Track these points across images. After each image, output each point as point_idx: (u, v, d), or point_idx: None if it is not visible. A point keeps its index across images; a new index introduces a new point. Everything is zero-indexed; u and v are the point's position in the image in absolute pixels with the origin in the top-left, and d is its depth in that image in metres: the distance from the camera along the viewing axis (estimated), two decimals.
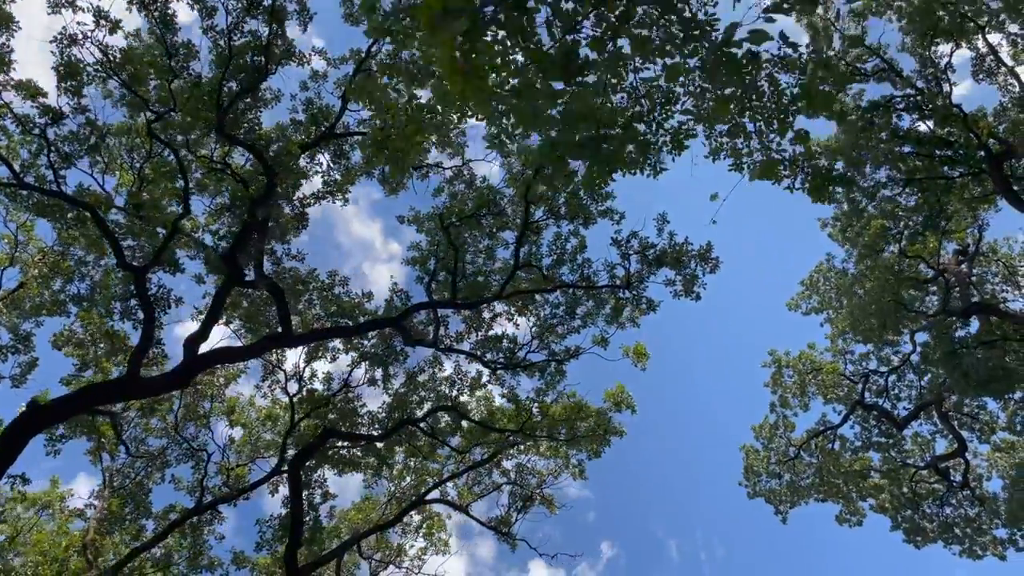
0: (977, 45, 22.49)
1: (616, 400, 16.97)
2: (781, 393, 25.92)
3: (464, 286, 14.49)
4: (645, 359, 16.10)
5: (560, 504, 17.38)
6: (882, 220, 21.66)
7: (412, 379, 16.20)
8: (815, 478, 27.25)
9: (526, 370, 15.94)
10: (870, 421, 27.14)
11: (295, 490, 13.29)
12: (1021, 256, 28.64)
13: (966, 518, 26.96)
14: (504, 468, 17.72)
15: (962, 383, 21.28)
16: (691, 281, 13.87)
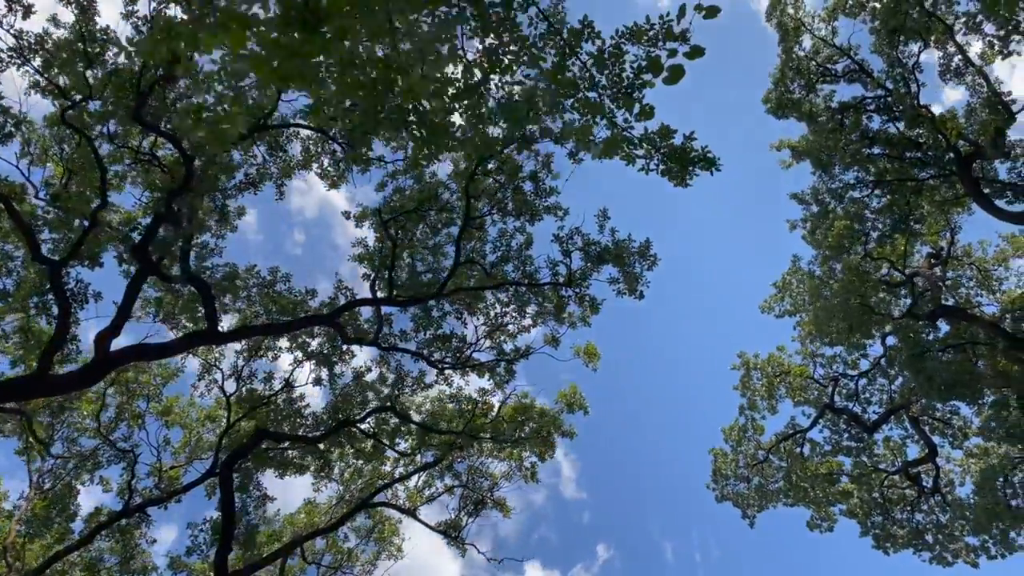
0: (946, 46, 22.12)
1: (569, 401, 16.55)
2: (749, 396, 25.54)
3: (405, 283, 14.05)
4: (596, 359, 15.70)
5: (512, 508, 16.95)
6: (847, 221, 21.30)
7: (359, 379, 15.74)
8: (784, 482, 26.87)
9: (475, 370, 15.50)
10: (840, 425, 26.77)
11: (226, 493, 12.82)
12: (995, 260, 28.31)
13: (937, 524, 26.54)
14: (456, 471, 17.27)
15: (926, 387, 20.96)
16: (634, 279, 13.46)
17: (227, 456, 13.16)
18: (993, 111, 21.30)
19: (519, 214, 14.06)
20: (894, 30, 21.81)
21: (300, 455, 15.42)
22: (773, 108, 24.38)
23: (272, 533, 16.65)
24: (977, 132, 21.96)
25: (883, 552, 26.56)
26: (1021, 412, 23.33)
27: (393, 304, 13.98)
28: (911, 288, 22.63)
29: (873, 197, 23.83)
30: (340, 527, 16.32)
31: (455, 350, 15.30)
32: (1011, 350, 22.00)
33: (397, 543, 18.67)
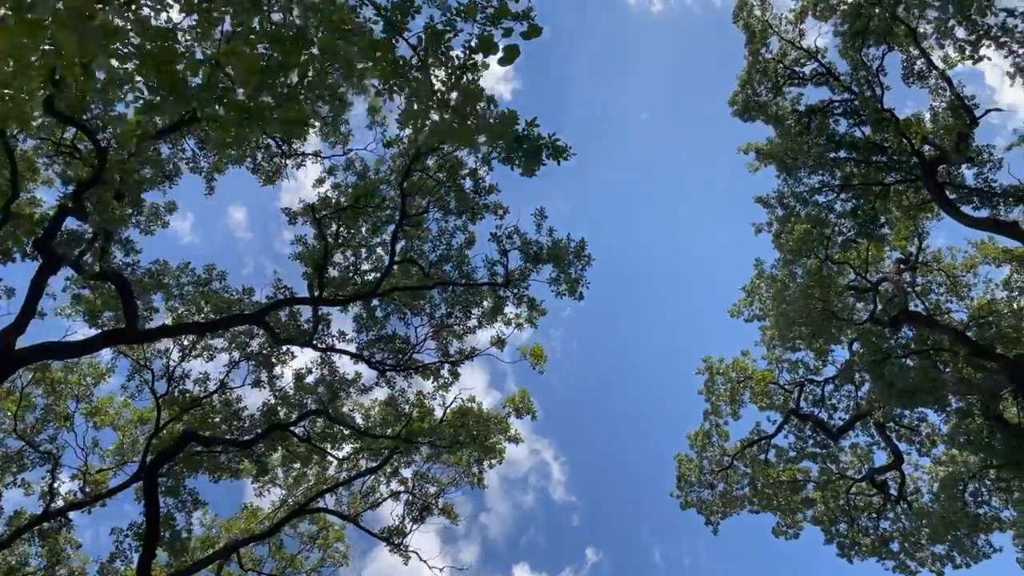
0: (909, 49, 21.92)
1: (516, 406, 16.19)
2: (713, 401, 25.26)
3: (339, 282, 13.66)
4: (542, 361, 15.35)
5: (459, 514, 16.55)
6: (807, 225, 21.06)
7: (300, 380, 15.32)
8: (750, 489, 26.56)
9: (418, 372, 15.11)
10: (805, 431, 26.50)
11: (150, 497, 12.38)
12: (963, 266, 28.16)
13: (904, 532, 26.28)
14: (402, 476, 16.87)
15: (886, 393, 20.72)
16: (575, 281, 13.13)
17: (152, 459, 12.72)
18: (956, 115, 21.13)
19: (461, 212, 13.70)
20: (857, 33, 21.64)
21: (236, 459, 14.99)
22: (739, 111, 24.15)
23: (206, 539, 16.20)
24: (940, 136, 21.75)
25: (847, 560, 26.29)
26: (984, 420, 23.15)
27: (323, 304, 13.58)
28: (874, 293, 22.42)
29: (838, 201, 23.62)
30: (276, 533, 15.88)
31: (397, 351, 14.91)
32: (973, 357, 21.81)
33: (343, 550, 18.24)
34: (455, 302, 14.38)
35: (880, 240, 24.04)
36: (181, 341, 14.39)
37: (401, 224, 12.98)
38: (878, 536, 26.09)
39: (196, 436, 12.98)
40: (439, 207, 13.71)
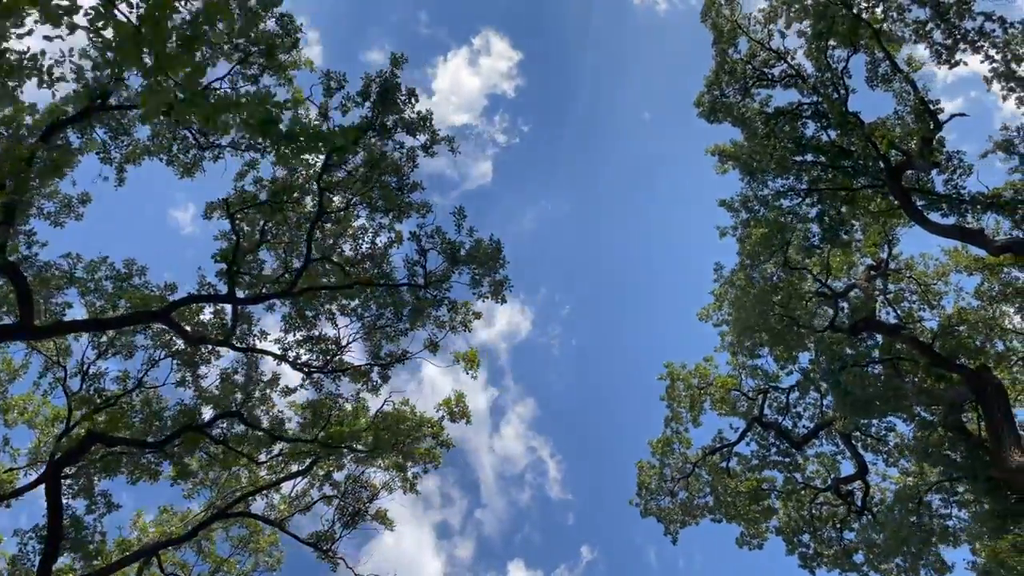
0: (873, 51, 21.43)
1: (451, 409, 15.72)
2: (674, 407, 24.79)
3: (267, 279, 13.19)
4: (476, 365, 14.87)
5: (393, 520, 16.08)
6: (764, 229, 20.57)
7: (227, 379, 14.85)
8: (713, 497, 26.07)
9: (346, 374, 14.65)
10: (769, 439, 25.98)
11: (52, 498, 11.92)
12: (935, 274, 27.64)
13: (868, 544, 25.74)
14: (335, 480, 16.40)
15: (841, 403, 20.25)
16: (499, 284, 12.67)
17: (56, 460, 12.26)
18: (920, 119, 20.65)
19: (387, 210, 13.23)
20: (820, 33, 21.17)
21: (156, 461, 14.53)
22: (705, 112, 23.70)
23: (122, 541, 15.73)
24: (906, 141, 21.26)
25: (810, 572, 25.78)
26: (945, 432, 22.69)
27: (237, 302, 13.11)
28: (835, 300, 21.94)
29: (804, 205, 23.15)
30: (194, 536, 15.41)
31: (324, 353, 14.44)
32: (934, 368, 21.33)
33: (277, 555, 17.78)
34: (385, 303, 13.91)
35: (845, 246, 23.56)
36: (98, 338, 13.93)
37: (318, 221, 12.52)
38: (841, 548, 25.55)
39: (100, 436, 12.51)
40: (365, 204, 13.24)
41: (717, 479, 24.07)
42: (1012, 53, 19.93)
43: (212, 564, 16.89)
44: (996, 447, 18.67)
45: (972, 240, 20.79)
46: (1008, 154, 21.03)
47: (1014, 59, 20.03)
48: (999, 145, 20.74)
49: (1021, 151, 20.95)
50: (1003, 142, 20.70)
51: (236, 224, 12.75)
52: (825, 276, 21.80)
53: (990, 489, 19.50)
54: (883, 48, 20.53)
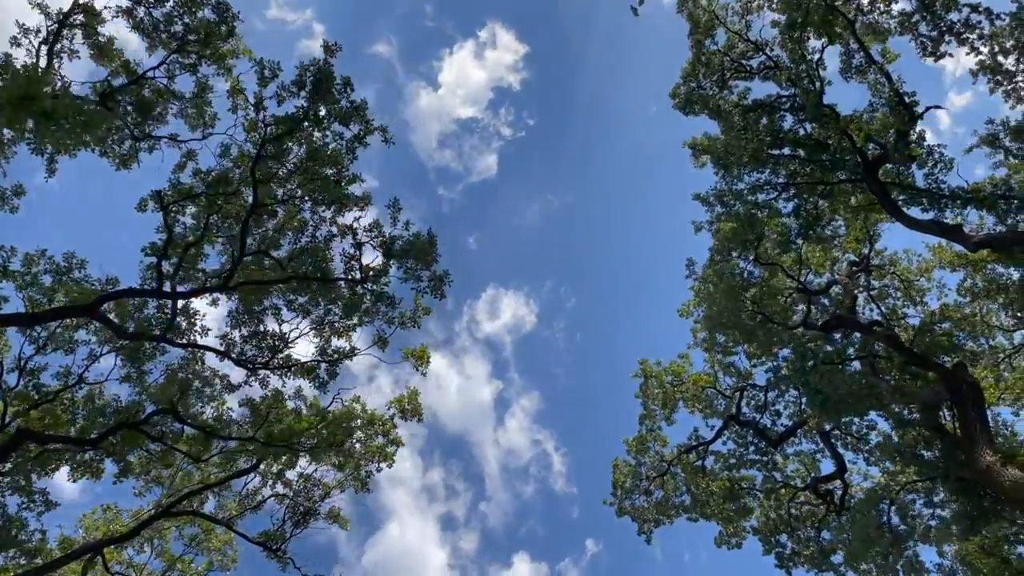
0: (848, 43, 20.92)
1: (402, 407, 15.36)
2: (647, 405, 24.36)
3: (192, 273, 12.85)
4: (426, 363, 14.50)
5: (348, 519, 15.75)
6: (733, 224, 20.11)
7: (172, 375, 14.53)
8: (689, 496, 25.65)
9: (292, 370, 14.31)
10: (747, 437, 25.52)
11: None
12: (918, 271, 27.12)
13: (845, 544, 25.23)
14: (287, 479, 16.08)
15: (811, 402, 19.79)
16: (439, 279, 12.29)
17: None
18: (894, 112, 20.14)
19: (330, 203, 12.86)
20: (794, 24, 20.69)
21: (97, 457, 14.22)
22: (681, 104, 23.24)
23: (64, 539, 15.45)
24: (882, 134, 20.73)
25: (786, 572, 25.34)
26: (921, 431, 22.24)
27: (163, 296, 12.77)
28: (807, 297, 21.45)
29: (781, 200, 22.67)
30: (137, 535, 15.12)
31: (271, 349, 14.10)
32: (908, 366, 20.86)
33: (231, 554, 17.49)
34: (330, 299, 13.55)
35: (821, 241, 23.07)
36: (34, 332, 13.63)
37: (252, 214, 12.17)
38: (819, 548, 25.07)
39: (31, 434, 12.22)
40: (307, 197, 12.86)
41: (691, 478, 23.66)
42: (999, 45, 19.38)
43: (165, 562, 16.62)
44: (968, 446, 18.21)
45: (950, 236, 20.31)
46: (993, 148, 20.54)
47: (1001, 51, 19.50)
48: (984, 140, 20.24)
49: (1006, 145, 20.47)
50: (988, 136, 20.20)
51: (170, 217, 12.41)
52: (799, 272, 21.30)
53: (961, 489, 19.05)
54: (857, 39, 20.04)
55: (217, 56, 12.80)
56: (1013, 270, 22.64)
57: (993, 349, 24.34)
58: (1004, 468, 16.49)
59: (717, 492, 23.14)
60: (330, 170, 12.38)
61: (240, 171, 12.61)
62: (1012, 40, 18.90)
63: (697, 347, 23.46)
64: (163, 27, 12.77)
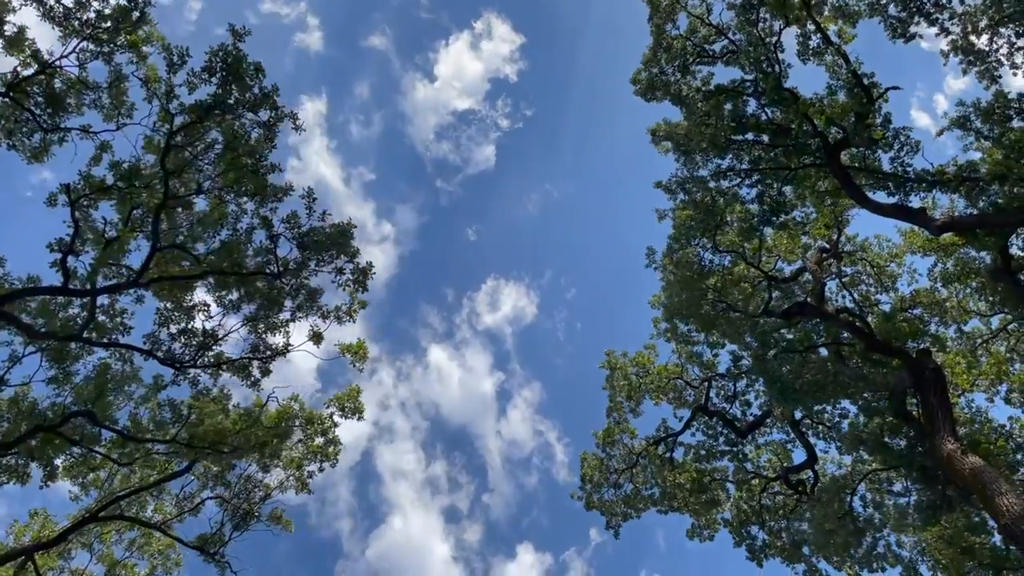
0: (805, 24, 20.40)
1: (342, 405, 14.90)
2: (613, 397, 23.92)
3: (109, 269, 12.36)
4: (363, 359, 14.04)
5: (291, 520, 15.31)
6: (689, 211, 19.63)
7: (100, 376, 14.04)
8: (658, 489, 25.24)
9: (222, 368, 13.83)
10: (716, 428, 25.10)
11: None
12: (888, 256, 26.68)
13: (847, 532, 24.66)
14: (227, 480, 15.59)
15: (770, 390, 19.36)
16: (363, 272, 11.80)
17: None
18: (851, 94, 19.69)
19: (252, 194, 12.35)
20: (748, 5, 20.21)
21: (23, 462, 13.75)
22: (642, 90, 22.71)
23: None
24: (844, 118, 20.19)
25: (757, 564, 24.96)
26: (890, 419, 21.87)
27: (70, 294, 12.28)
28: (768, 284, 21.00)
29: (744, 186, 22.17)
30: (64, 540, 14.67)
31: (199, 346, 13.61)
32: (870, 352, 20.45)
33: (175, 558, 17.06)
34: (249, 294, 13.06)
35: (784, 228, 22.59)
36: None
37: (163, 206, 11.67)
38: (791, 539, 24.68)
39: None
40: (226, 187, 12.36)
41: (658, 470, 23.24)
42: (972, 25, 18.86)
43: (107, 566, 16.19)
44: (930, 434, 17.81)
45: (913, 219, 19.88)
46: (964, 131, 20.06)
47: (974, 31, 18.97)
48: (954, 122, 19.77)
49: (977, 127, 19.98)
50: (958, 119, 19.73)
51: (80, 212, 11.91)
52: (759, 259, 20.83)
53: (924, 478, 18.66)
54: (813, 19, 19.54)
55: (130, 43, 12.26)
56: (985, 254, 22.18)
57: (970, 335, 23.94)
58: (965, 456, 16.12)
59: (684, 484, 22.72)
60: (249, 160, 11.87)
61: (154, 162, 12.11)
62: (985, 19, 18.41)
63: (660, 337, 22.99)
64: (74, 14, 12.24)
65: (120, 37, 12.23)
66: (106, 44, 12.39)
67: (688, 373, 24.68)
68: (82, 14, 12.36)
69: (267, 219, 12.15)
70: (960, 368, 22.75)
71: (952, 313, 23.86)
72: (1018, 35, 18.13)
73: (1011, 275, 19.93)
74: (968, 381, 22.56)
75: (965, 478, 15.76)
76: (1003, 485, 14.42)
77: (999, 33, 18.56)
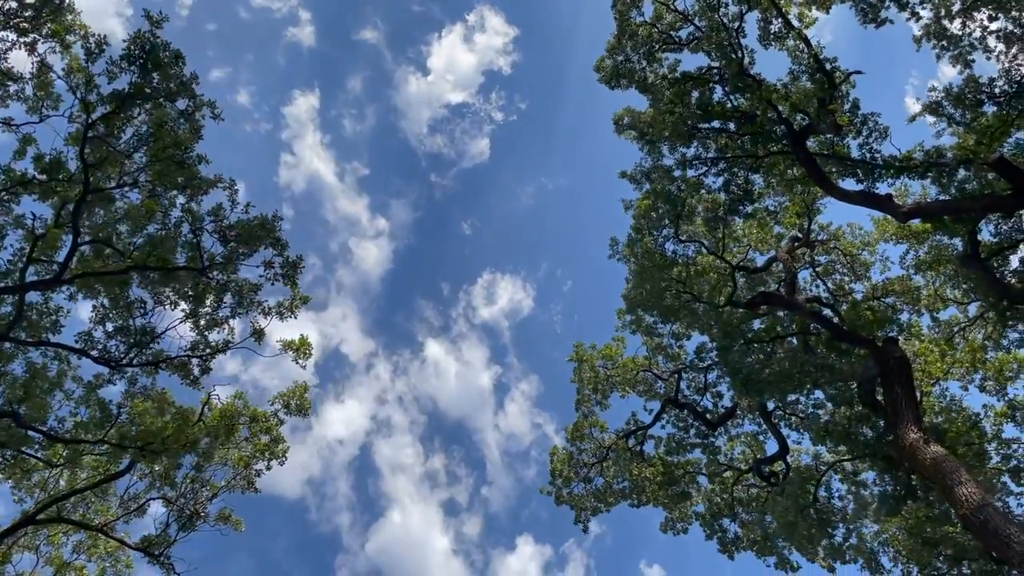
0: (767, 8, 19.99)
1: (287, 402, 14.55)
2: (581, 390, 23.60)
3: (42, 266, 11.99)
4: (306, 356, 13.68)
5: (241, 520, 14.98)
6: (648, 200, 19.28)
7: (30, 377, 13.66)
8: (629, 482, 24.94)
9: (160, 366, 13.47)
10: (688, 420, 24.81)
11: None
12: (860, 244, 26.38)
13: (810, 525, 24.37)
14: (174, 480, 15.25)
15: (733, 380, 19.07)
16: (292, 265, 11.45)
17: None
18: (813, 79, 19.35)
19: (182, 186, 11.97)
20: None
21: None
22: (607, 77, 22.30)
23: None
24: (809, 104, 19.80)
25: (728, 557, 24.74)
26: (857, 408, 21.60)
27: None
28: (732, 274, 20.67)
29: (711, 175, 21.81)
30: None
31: (134, 344, 13.24)
32: (836, 341, 20.17)
33: (125, 560, 16.74)
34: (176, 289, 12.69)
35: (749, 217, 22.25)
36: None
37: (83, 200, 11.29)
38: (763, 531, 24.44)
39: None
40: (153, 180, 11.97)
41: (626, 464, 22.95)
42: (944, 8, 18.48)
43: (55, 568, 15.85)
44: (894, 423, 17.55)
45: (880, 206, 19.58)
46: (937, 117, 19.74)
47: (947, 15, 18.61)
48: (927, 107, 19.45)
49: (949, 112, 19.67)
50: (931, 104, 19.41)
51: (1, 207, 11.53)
52: (723, 249, 20.49)
53: (888, 468, 18.41)
54: (774, 3, 19.16)
55: (53, 32, 11.84)
56: (958, 240, 21.89)
57: (947, 323, 23.68)
58: (927, 446, 15.89)
59: (652, 477, 22.44)
60: (175, 151, 11.49)
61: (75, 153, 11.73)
62: (958, 3, 18.06)
63: (626, 329, 22.67)
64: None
65: (45, 27, 11.81)
66: (27, 34, 11.96)
67: (658, 365, 24.37)
68: (3, 3, 11.92)
69: (192, 211, 11.78)
70: (934, 356, 22.48)
71: (928, 301, 23.62)
72: (991, 18, 17.81)
73: (980, 261, 19.62)
74: (942, 369, 22.29)
75: (926, 468, 15.52)
76: (963, 475, 14.17)
77: (972, 17, 18.22)
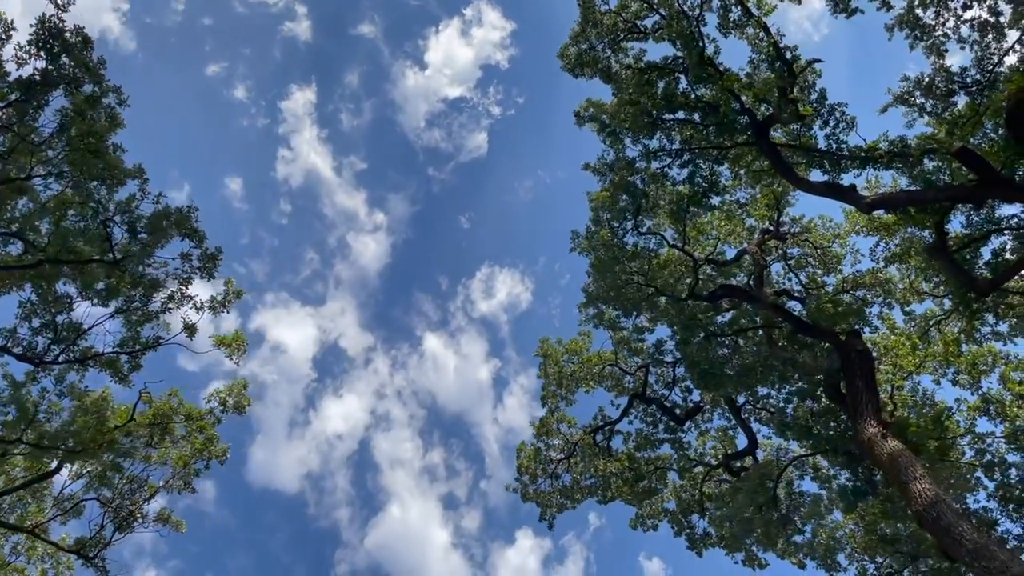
0: None
1: (224, 400, 14.13)
2: (546, 385, 23.20)
3: None
4: (240, 352, 13.26)
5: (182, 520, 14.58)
6: (606, 192, 18.86)
7: None
8: (596, 479, 24.56)
9: (87, 363, 13.05)
10: (654, 415, 24.40)
11: None
12: (831, 237, 25.96)
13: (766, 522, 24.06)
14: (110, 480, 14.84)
15: (692, 374, 18.70)
16: (211, 257, 11.03)
17: None
18: (773, 68, 18.91)
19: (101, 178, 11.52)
20: None
21: None
22: (570, 65, 21.78)
23: None
24: (765, 93, 19.34)
25: (697, 553, 24.39)
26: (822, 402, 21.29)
27: None
28: (695, 267, 20.24)
29: (675, 167, 21.37)
30: None
31: (59, 340, 12.82)
32: (799, 335, 19.80)
33: (66, 561, 16.34)
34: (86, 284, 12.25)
35: (712, 209, 21.83)
36: None
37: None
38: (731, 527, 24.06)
39: None
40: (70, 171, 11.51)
41: (592, 460, 22.57)
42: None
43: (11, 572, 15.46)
44: (854, 417, 17.21)
45: (843, 197, 19.19)
46: (908, 107, 19.39)
47: (920, 4, 18.20)
48: (898, 98, 19.09)
49: (919, 103, 19.30)
50: (902, 94, 19.04)
51: None
52: (685, 241, 20.07)
53: (848, 463, 18.07)
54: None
55: None
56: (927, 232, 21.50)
57: (923, 316, 23.32)
58: (884, 441, 15.55)
59: (618, 473, 22.07)
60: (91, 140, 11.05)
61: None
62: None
63: (588, 323, 22.23)
64: None
65: None
66: None
67: (625, 360, 23.96)
68: None
69: (101, 202, 11.35)
70: (905, 349, 22.14)
71: (902, 294, 23.25)
72: (965, 8, 17.41)
73: (948, 253, 19.25)
74: (913, 363, 21.94)
75: (883, 463, 15.21)
76: (918, 470, 13.84)
77: (946, 6, 17.82)
